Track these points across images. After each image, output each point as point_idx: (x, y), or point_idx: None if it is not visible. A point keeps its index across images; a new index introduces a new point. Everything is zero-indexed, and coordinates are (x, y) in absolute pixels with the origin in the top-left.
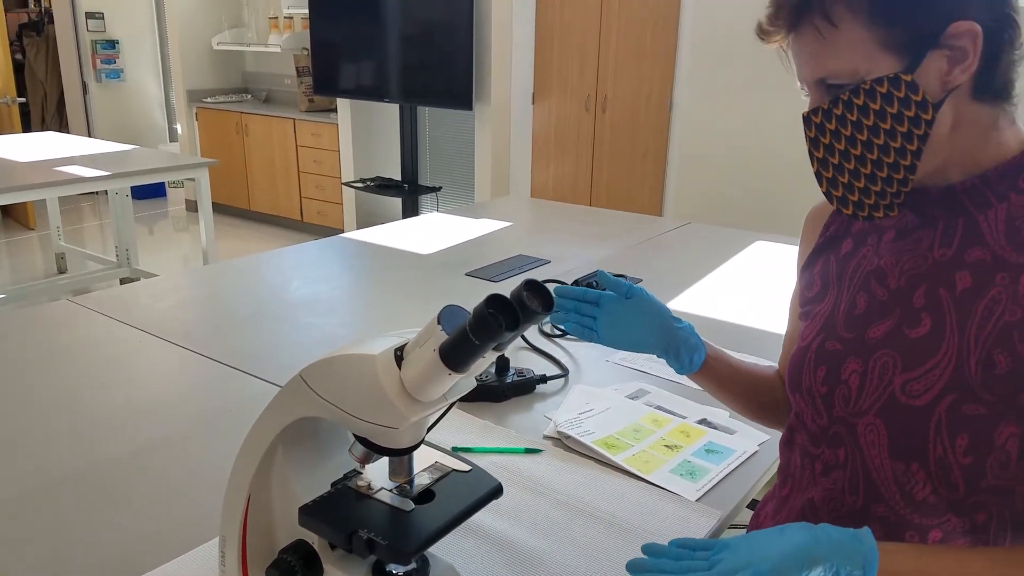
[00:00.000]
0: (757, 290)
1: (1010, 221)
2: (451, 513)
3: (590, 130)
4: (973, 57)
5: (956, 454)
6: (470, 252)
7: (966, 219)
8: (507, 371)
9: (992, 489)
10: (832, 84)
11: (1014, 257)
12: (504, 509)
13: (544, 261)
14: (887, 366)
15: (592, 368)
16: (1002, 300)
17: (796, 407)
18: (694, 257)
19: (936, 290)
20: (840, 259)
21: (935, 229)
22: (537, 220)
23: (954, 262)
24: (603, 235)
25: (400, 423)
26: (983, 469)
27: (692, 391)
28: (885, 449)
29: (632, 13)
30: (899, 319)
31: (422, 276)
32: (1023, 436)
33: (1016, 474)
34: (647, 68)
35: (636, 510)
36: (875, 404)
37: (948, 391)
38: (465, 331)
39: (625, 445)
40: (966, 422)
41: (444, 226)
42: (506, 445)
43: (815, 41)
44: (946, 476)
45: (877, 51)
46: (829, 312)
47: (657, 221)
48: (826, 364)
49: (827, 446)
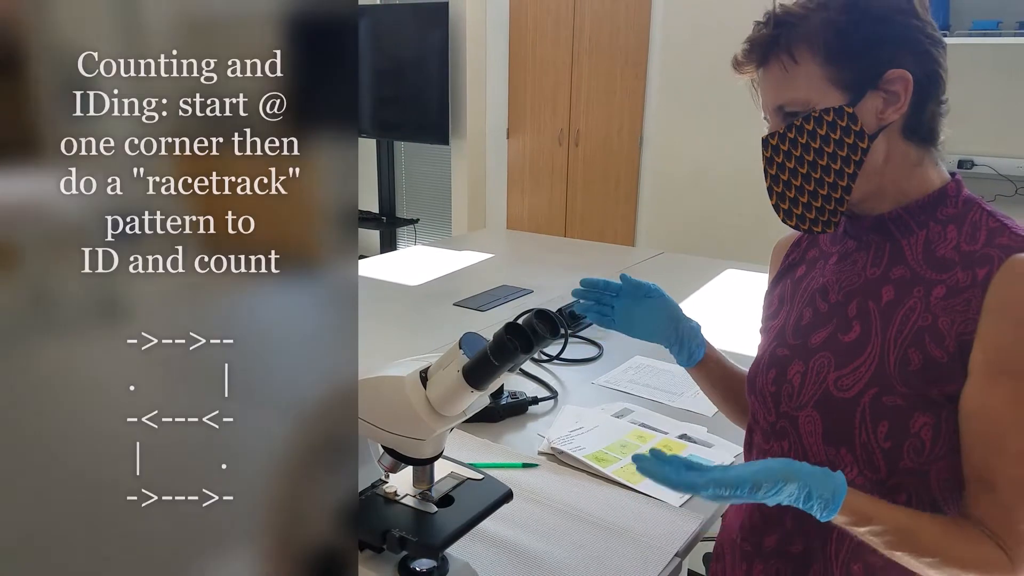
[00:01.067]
0: (729, 315)
1: (927, 245)
2: (470, 514)
3: (564, 163)
4: (904, 100)
5: (878, 439)
6: (455, 283)
7: (892, 243)
8: (502, 394)
9: (909, 471)
10: (788, 111)
11: (928, 274)
12: (508, 517)
13: (527, 291)
14: (823, 366)
15: (579, 390)
16: (917, 309)
17: (752, 408)
18: (668, 285)
19: (866, 302)
20: (795, 281)
21: (868, 252)
22: (516, 251)
23: (881, 279)
24: (581, 265)
25: (427, 435)
26: (901, 452)
27: (673, 410)
28: (820, 437)
29: (602, 51)
30: (835, 327)
31: (412, 307)
32: (935, 425)
33: (929, 458)
34: (617, 104)
35: (626, 515)
36: (813, 398)
37: (871, 385)
38: (486, 354)
39: (614, 459)
40: (886, 411)
41: (428, 258)
42: (504, 461)
43: (779, 74)
44: (870, 459)
45: (827, 86)
46: (781, 325)
47: (631, 251)
48: (776, 367)
49: (775, 440)
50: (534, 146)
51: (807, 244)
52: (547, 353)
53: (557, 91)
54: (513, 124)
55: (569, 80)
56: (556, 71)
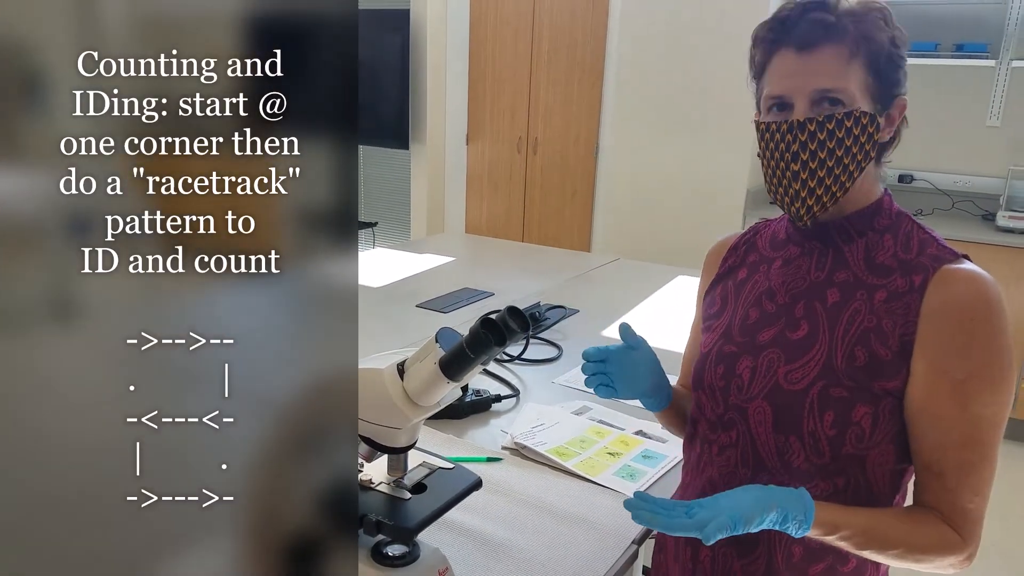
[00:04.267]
0: (681, 319)
1: (868, 251)
2: (442, 501)
3: (522, 170)
4: (896, 124)
5: (824, 427)
6: (417, 285)
7: (835, 249)
8: (466, 391)
9: (849, 457)
10: (832, 100)
11: (870, 279)
12: (474, 507)
13: (489, 293)
14: (772, 361)
15: (540, 389)
16: (862, 311)
17: (697, 401)
18: (624, 290)
19: (812, 303)
20: (737, 284)
21: (812, 257)
22: (476, 255)
23: (825, 282)
24: (539, 269)
25: (403, 424)
26: (844, 439)
27: (629, 407)
28: (770, 426)
29: (560, 62)
30: (783, 326)
31: (375, 308)
32: (874, 415)
33: (868, 444)
34: (575, 113)
35: (585, 505)
36: (763, 391)
37: (820, 378)
38: (462, 347)
39: (574, 453)
40: (832, 402)
41: (389, 261)
42: (469, 455)
43: (835, 60)
44: (816, 445)
45: (864, 91)
46: (727, 324)
47: (587, 256)
48: (724, 363)
49: (723, 430)
50: (493, 153)
51: (745, 249)
52: (509, 353)
53: (516, 100)
54: (472, 131)
55: (528, 89)
56: (515, 80)
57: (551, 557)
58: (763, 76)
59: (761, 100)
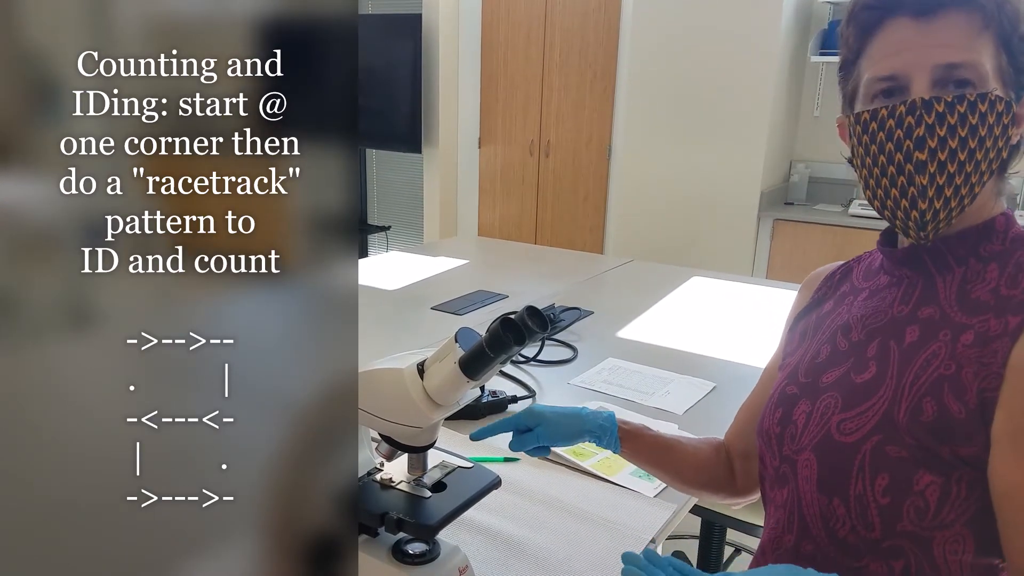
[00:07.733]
0: (697, 320)
1: (963, 285)
2: (462, 499)
3: (534, 173)
4: None
5: (875, 492)
6: (432, 288)
7: (925, 279)
8: (483, 392)
9: (909, 535)
10: (960, 80)
11: (959, 317)
12: (492, 507)
13: (503, 296)
14: (829, 407)
15: (555, 389)
16: (941, 354)
17: (760, 451)
18: (639, 291)
19: (887, 342)
20: (820, 317)
21: (899, 288)
22: (490, 258)
23: (908, 318)
24: (552, 272)
25: (424, 423)
26: (900, 512)
27: (645, 409)
28: (815, 483)
29: (572, 65)
30: (850, 367)
31: (391, 311)
32: (944, 488)
33: (933, 524)
34: (587, 116)
35: (603, 505)
36: (813, 440)
37: (876, 431)
38: (482, 346)
39: (591, 453)
40: (888, 462)
41: (404, 264)
42: (487, 455)
43: (966, 30)
44: (863, 513)
45: (995, 73)
46: (797, 362)
47: (601, 259)
48: (783, 407)
49: (777, 487)
50: (505, 156)
51: (840, 278)
52: (524, 355)
53: (528, 103)
54: (485, 134)
55: (540, 93)
56: (527, 84)
57: (569, 555)
58: (862, 57)
59: (860, 89)
